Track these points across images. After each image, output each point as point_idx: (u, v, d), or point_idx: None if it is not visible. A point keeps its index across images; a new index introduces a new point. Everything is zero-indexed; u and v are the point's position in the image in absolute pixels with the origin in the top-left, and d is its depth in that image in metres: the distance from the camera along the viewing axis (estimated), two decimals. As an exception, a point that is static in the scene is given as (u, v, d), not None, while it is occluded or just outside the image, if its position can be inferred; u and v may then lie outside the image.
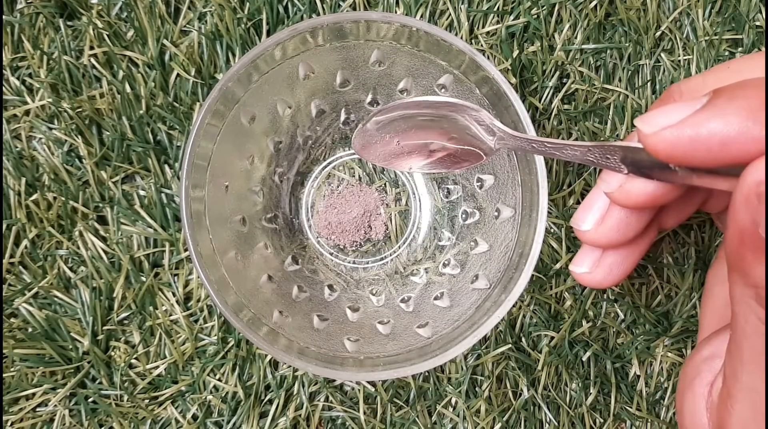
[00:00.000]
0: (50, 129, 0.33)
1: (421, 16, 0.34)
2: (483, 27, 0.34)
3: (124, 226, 0.33)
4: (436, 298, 0.31)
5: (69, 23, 0.34)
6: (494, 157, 0.29)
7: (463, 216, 0.33)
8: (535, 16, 0.34)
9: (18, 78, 0.34)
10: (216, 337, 0.33)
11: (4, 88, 0.34)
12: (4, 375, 0.33)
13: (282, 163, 0.33)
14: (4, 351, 0.32)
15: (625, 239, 0.24)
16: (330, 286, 0.32)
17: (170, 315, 0.33)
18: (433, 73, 0.29)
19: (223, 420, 0.33)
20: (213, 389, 0.33)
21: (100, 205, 0.33)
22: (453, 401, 0.34)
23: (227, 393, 0.33)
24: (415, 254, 0.34)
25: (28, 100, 0.34)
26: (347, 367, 0.26)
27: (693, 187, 0.20)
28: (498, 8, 0.34)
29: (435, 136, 0.27)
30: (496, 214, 0.30)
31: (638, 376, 0.34)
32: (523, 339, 0.34)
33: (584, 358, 0.34)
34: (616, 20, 0.35)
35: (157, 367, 0.33)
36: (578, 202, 0.34)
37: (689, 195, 0.24)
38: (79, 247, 0.33)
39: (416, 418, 0.33)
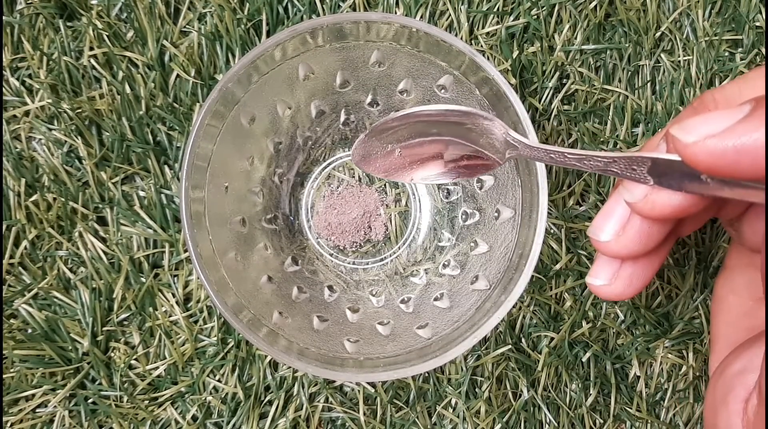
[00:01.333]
0: (50, 130, 0.33)
1: (421, 17, 0.34)
2: (483, 28, 0.34)
3: (124, 227, 0.33)
4: (436, 299, 0.31)
5: (69, 24, 0.34)
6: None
7: (463, 217, 0.33)
8: (535, 16, 0.34)
9: (18, 79, 0.34)
10: (216, 338, 0.33)
11: (4, 88, 0.34)
12: (3, 376, 0.33)
13: (282, 164, 0.33)
14: (4, 352, 0.32)
15: (646, 250, 0.23)
16: (330, 287, 0.32)
17: (170, 316, 0.33)
18: (433, 74, 0.29)
19: (222, 421, 0.33)
20: (213, 390, 0.33)
21: (100, 205, 0.33)
22: (453, 402, 0.34)
23: (227, 394, 0.33)
24: (415, 255, 0.34)
25: (28, 100, 0.33)
26: (347, 368, 0.26)
27: (721, 198, 0.19)
28: (498, 9, 0.34)
29: (440, 146, 0.26)
30: (496, 214, 0.30)
31: (638, 377, 0.34)
32: (523, 340, 0.34)
33: (584, 359, 0.34)
34: (615, 21, 0.35)
35: (157, 368, 0.33)
36: (578, 204, 0.34)
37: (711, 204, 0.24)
38: (78, 248, 0.33)
39: (416, 419, 0.33)
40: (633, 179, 0.21)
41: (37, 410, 0.33)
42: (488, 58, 0.34)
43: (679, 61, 0.35)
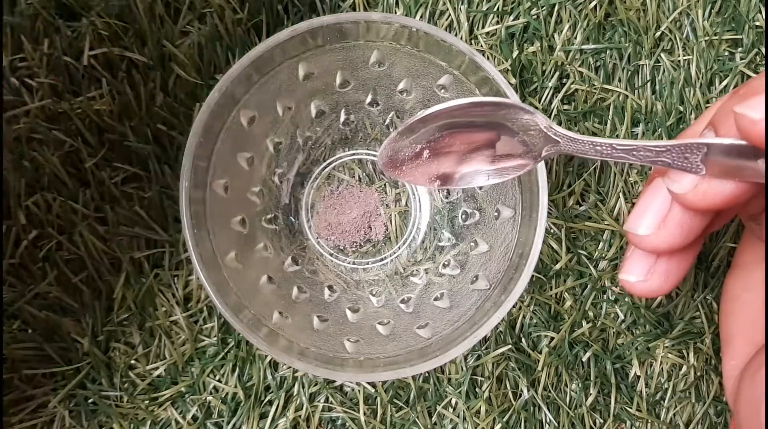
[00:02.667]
0: (50, 130, 0.33)
1: (421, 17, 0.34)
2: (483, 27, 0.34)
3: (124, 227, 0.33)
4: (436, 299, 0.31)
5: (69, 24, 0.34)
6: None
7: (463, 216, 0.33)
8: (535, 16, 0.34)
9: (18, 79, 0.34)
10: (216, 338, 0.33)
11: (3, 88, 0.34)
12: (4, 376, 0.33)
13: (282, 164, 0.33)
14: (4, 352, 0.32)
15: (686, 243, 0.22)
16: (330, 287, 0.32)
17: (170, 316, 0.33)
18: (433, 74, 0.29)
19: (223, 421, 0.33)
20: (213, 390, 0.33)
21: (101, 205, 0.33)
22: (453, 402, 0.34)
23: (227, 394, 0.33)
24: (415, 255, 0.34)
25: (28, 100, 0.33)
26: (347, 368, 0.26)
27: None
28: (498, 9, 0.34)
29: (470, 148, 0.24)
30: (496, 214, 0.30)
31: (638, 377, 0.34)
32: (523, 340, 0.34)
33: (584, 359, 0.34)
34: (615, 20, 0.35)
35: (157, 368, 0.33)
36: (578, 204, 0.34)
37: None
38: (79, 248, 0.33)
39: (416, 419, 0.33)
40: (684, 169, 0.20)
41: (38, 410, 0.33)
42: (488, 58, 0.34)
43: (679, 61, 0.35)
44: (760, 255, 0.27)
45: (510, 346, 0.33)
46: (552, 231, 0.34)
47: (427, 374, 0.34)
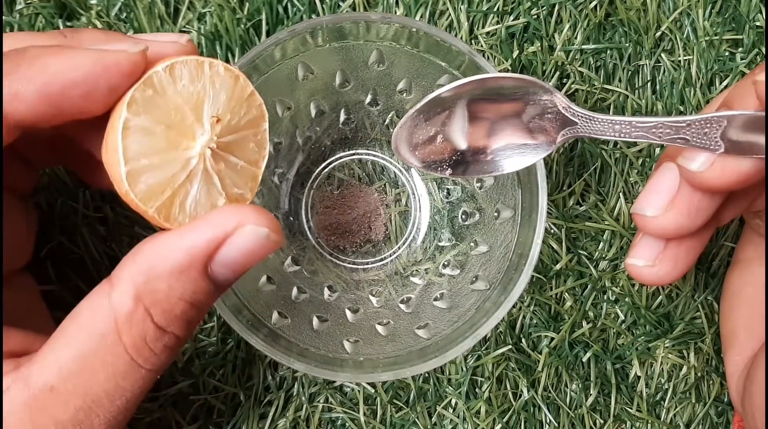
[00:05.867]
0: (50, 130, 0.33)
1: (421, 17, 0.34)
2: (483, 27, 0.34)
3: (125, 227, 0.33)
4: (435, 299, 0.31)
5: (68, 24, 0.34)
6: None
7: (463, 217, 0.33)
8: (535, 16, 0.34)
9: (17, 79, 0.34)
10: (216, 338, 0.33)
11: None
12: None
13: (281, 164, 0.33)
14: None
15: (695, 226, 0.22)
16: (330, 287, 0.32)
17: (170, 316, 0.33)
18: (433, 74, 0.29)
19: (222, 421, 0.33)
20: (213, 390, 0.33)
21: (101, 205, 0.33)
22: (453, 402, 0.34)
23: (227, 394, 0.33)
24: (415, 255, 0.34)
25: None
26: (347, 369, 0.26)
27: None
28: (498, 9, 0.34)
29: (486, 132, 0.23)
30: (495, 214, 0.30)
31: (639, 377, 0.34)
32: (523, 340, 0.34)
33: (584, 359, 0.34)
34: (616, 20, 0.35)
35: (157, 368, 0.33)
36: (578, 204, 0.34)
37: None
38: (79, 248, 0.33)
39: (416, 419, 0.33)
40: (701, 147, 0.20)
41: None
42: (488, 58, 0.34)
43: (680, 61, 0.35)
44: (762, 251, 0.27)
45: (510, 346, 0.33)
46: (552, 231, 0.34)
47: (427, 374, 0.34)
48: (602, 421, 0.34)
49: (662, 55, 0.35)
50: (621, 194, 0.34)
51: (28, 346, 0.22)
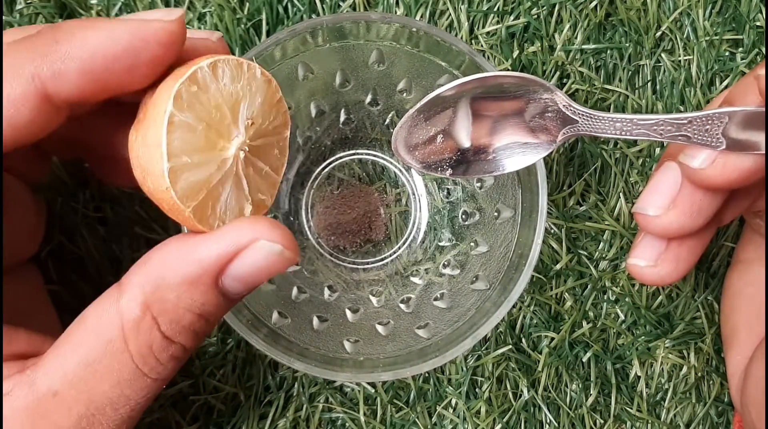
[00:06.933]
0: (50, 130, 0.33)
1: (421, 17, 0.34)
2: (483, 27, 0.34)
3: (125, 227, 0.33)
4: (435, 299, 0.31)
5: (69, 24, 0.34)
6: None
7: (463, 216, 0.33)
8: (535, 16, 0.34)
9: (18, 79, 0.34)
10: (216, 338, 0.33)
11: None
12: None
13: (282, 164, 0.33)
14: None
15: (697, 226, 0.22)
16: (330, 287, 0.32)
17: (170, 316, 0.33)
18: (433, 74, 0.29)
19: (222, 421, 0.33)
20: (213, 390, 0.33)
21: (101, 205, 0.33)
22: (453, 402, 0.34)
23: (227, 394, 0.33)
24: (415, 255, 0.34)
25: (28, 100, 0.33)
26: (347, 369, 0.26)
27: None
28: (498, 8, 0.34)
29: (486, 131, 0.23)
30: (495, 214, 0.30)
31: (639, 377, 0.34)
32: (524, 340, 0.34)
33: (584, 359, 0.34)
34: (616, 20, 0.35)
35: (157, 368, 0.33)
36: (578, 204, 0.34)
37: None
38: (79, 249, 0.33)
39: (416, 419, 0.33)
40: (702, 144, 0.20)
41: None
42: (488, 58, 0.34)
43: (680, 61, 0.35)
44: (762, 251, 0.27)
45: (510, 346, 0.33)
46: (552, 231, 0.34)
47: (427, 374, 0.34)
48: (602, 421, 0.34)
49: (662, 55, 0.35)
50: (621, 194, 0.34)
51: (34, 348, 0.21)
